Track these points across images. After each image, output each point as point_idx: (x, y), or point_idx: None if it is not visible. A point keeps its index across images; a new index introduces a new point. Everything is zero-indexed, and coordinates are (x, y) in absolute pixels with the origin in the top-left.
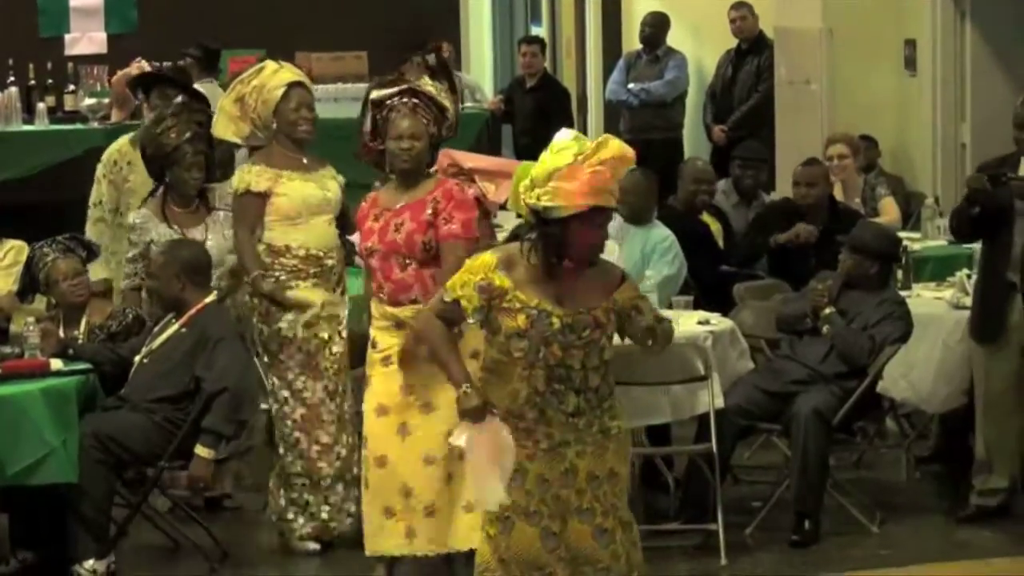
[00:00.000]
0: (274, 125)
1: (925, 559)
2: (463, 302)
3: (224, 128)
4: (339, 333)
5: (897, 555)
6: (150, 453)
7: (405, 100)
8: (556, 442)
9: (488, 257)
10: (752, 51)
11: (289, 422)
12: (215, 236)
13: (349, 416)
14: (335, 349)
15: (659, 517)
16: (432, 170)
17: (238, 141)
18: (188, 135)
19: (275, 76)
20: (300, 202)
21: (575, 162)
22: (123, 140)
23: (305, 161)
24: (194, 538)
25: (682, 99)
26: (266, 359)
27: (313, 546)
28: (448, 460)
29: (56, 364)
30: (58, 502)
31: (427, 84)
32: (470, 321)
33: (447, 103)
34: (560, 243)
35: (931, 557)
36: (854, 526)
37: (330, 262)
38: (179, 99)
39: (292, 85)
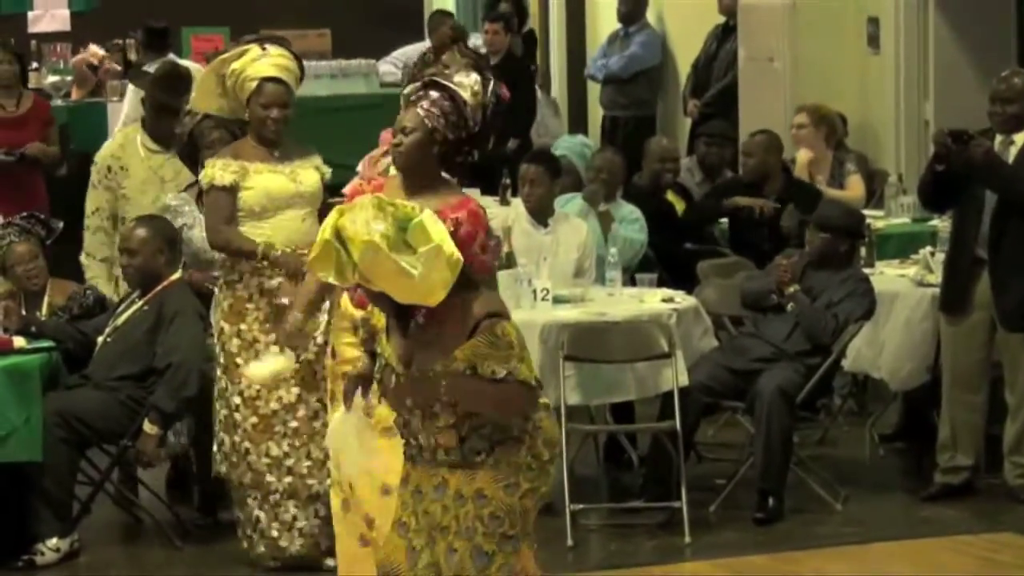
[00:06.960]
0: (247, 115)
1: (889, 537)
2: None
3: (205, 102)
4: (313, 339)
5: (861, 532)
6: (113, 431)
7: (422, 92)
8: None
9: None
10: (736, 28)
11: (240, 431)
12: None
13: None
14: (302, 357)
15: (623, 495)
16: (454, 179)
17: (223, 115)
18: (199, 117)
19: (253, 65)
20: (264, 195)
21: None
22: (115, 143)
23: (276, 153)
24: (158, 515)
25: (648, 75)
26: (222, 359)
27: (270, 563)
28: None
29: (19, 342)
30: (21, 480)
31: (463, 78)
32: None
33: (469, 99)
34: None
35: (895, 535)
36: (818, 504)
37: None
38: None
39: (266, 80)
